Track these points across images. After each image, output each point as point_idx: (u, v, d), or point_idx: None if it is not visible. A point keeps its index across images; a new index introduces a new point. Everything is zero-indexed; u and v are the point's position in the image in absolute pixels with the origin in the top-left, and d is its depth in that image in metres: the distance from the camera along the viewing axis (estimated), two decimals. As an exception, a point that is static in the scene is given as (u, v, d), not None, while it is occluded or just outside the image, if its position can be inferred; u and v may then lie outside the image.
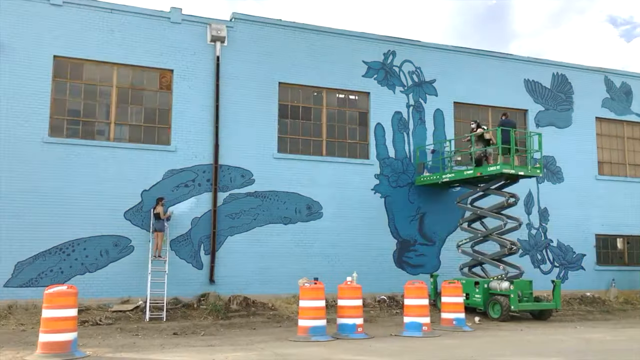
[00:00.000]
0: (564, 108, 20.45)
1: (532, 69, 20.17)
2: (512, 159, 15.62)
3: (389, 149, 18.06)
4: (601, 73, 21.28)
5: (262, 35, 17.07)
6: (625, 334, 12.58)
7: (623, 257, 20.78)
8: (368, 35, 18.32)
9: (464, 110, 19.28)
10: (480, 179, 16.33)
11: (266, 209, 16.47)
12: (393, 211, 17.79)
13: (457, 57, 19.25)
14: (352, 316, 11.33)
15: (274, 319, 14.27)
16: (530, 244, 19.20)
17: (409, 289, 12.02)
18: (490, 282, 15.24)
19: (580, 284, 19.51)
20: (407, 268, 17.67)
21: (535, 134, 16.92)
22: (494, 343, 11.05)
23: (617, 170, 21.17)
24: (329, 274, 15.91)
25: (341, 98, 18.02)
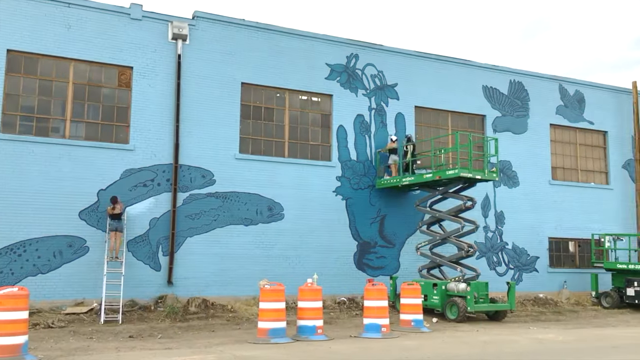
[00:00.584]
0: (520, 114, 21.03)
1: (490, 76, 20.67)
2: (470, 163, 15.97)
3: (351, 151, 18.18)
4: (555, 81, 21.98)
5: (225, 34, 16.92)
6: (576, 335, 13.00)
7: (574, 259, 21.50)
8: (331, 37, 18.40)
9: (425, 114, 19.59)
10: (439, 183, 16.61)
11: (227, 210, 16.31)
12: (354, 213, 17.90)
13: (419, 62, 19.55)
14: (312, 318, 11.33)
15: (233, 321, 14.14)
16: (487, 246, 19.65)
17: (369, 290, 12.10)
18: (448, 284, 15.52)
19: (533, 285, 20.09)
20: (368, 270, 17.81)
21: (491, 138, 17.35)
22: (451, 344, 11.24)
23: (569, 175, 21.91)
24: (289, 276, 15.88)
25: (304, 100, 18.04)
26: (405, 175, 17.34)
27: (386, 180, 17.81)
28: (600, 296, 19.43)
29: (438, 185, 16.87)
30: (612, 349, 10.96)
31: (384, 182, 17.85)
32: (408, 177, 17.12)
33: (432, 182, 16.61)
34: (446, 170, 16.15)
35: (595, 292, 19.61)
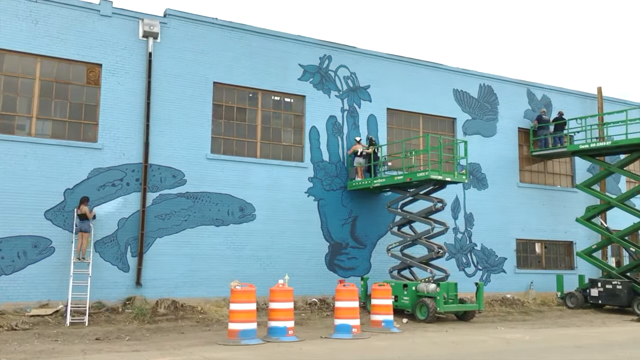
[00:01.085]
0: (490, 118, 21.39)
1: (460, 79, 20.97)
2: (440, 165, 16.17)
3: (323, 152, 18.21)
4: (524, 85, 22.42)
5: (197, 33, 16.76)
6: (542, 334, 13.28)
7: (541, 260, 21.97)
8: (305, 38, 18.40)
9: (397, 116, 19.76)
10: (410, 184, 16.77)
11: (198, 210, 16.15)
12: (326, 214, 17.93)
13: (391, 64, 19.71)
14: (283, 319, 11.30)
15: (203, 322, 14.01)
16: (456, 247, 19.91)
17: (340, 291, 12.14)
18: (418, 285, 15.67)
19: (501, 286, 20.44)
20: (339, 271, 17.86)
21: (461, 141, 17.60)
22: (420, 344, 11.36)
23: (536, 178, 22.37)
24: (260, 277, 15.82)
25: (276, 100, 18.00)
26: (376, 177, 17.44)
27: (357, 182, 17.89)
28: (566, 297, 19.88)
29: (409, 187, 17.03)
30: (576, 349, 11.23)
31: (355, 184, 17.93)
32: (379, 179, 17.24)
33: (403, 183, 16.76)
34: (417, 173, 16.33)
35: (561, 293, 20.06)
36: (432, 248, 16.19)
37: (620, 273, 19.59)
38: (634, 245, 20.11)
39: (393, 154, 18.79)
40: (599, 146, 19.80)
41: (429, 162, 16.29)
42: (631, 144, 19.08)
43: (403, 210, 17.25)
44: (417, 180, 16.29)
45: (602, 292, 19.09)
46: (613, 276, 19.44)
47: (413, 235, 16.91)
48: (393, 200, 17.51)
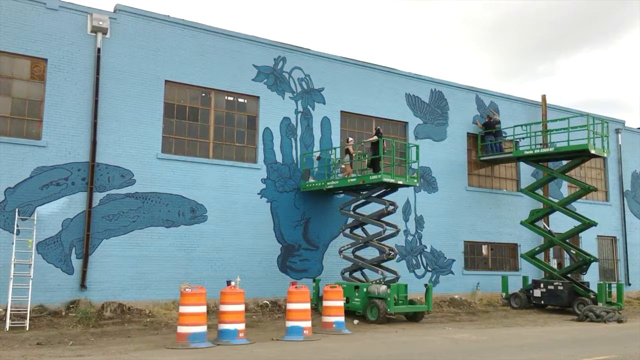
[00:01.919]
0: (440, 122, 21.87)
1: (412, 84, 21.35)
2: (392, 168, 16.40)
3: (277, 154, 18.15)
4: (473, 92, 23.04)
5: (149, 30, 16.40)
6: (488, 334, 13.67)
7: (487, 262, 22.61)
8: (259, 39, 18.29)
9: (350, 119, 19.92)
10: (362, 187, 16.94)
11: (147, 211, 15.78)
12: (279, 216, 17.87)
13: (345, 67, 19.86)
14: (233, 321, 11.19)
15: (151, 326, 13.68)
16: (407, 249, 20.24)
17: (292, 293, 12.13)
18: (369, 286, 15.82)
19: (449, 287, 20.92)
20: (291, 273, 17.82)
21: (413, 145, 17.91)
22: (371, 345, 11.47)
23: (483, 182, 23.02)
24: (212, 279, 15.61)
25: (230, 100, 17.81)
26: (328, 180, 17.51)
27: (311, 184, 17.92)
28: (510, 297, 20.52)
29: (362, 189, 17.19)
30: (520, 348, 11.61)
31: (309, 186, 17.96)
32: (332, 181, 17.32)
33: (356, 186, 16.90)
34: (369, 176, 16.50)
35: (506, 294, 20.70)
36: (384, 250, 16.40)
37: (561, 274, 20.40)
38: (574, 248, 21.01)
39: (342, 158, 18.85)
40: (542, 152, 20.61)
41: (381, 165, 16.46)
42: (572, 151, 19.94)
43: (355, 212, 17.39)
44: (369, 183, 16.46)
45: (545, 292, 19.82)
46: (554, 277, 20.21)
47: (365, 237, 17.07)
48: (345, 203, 17.63)
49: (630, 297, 25.46)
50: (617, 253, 26.32)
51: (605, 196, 26.59)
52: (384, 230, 16.39)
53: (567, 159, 20.98)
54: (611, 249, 26.33)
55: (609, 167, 26.70)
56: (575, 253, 20.61)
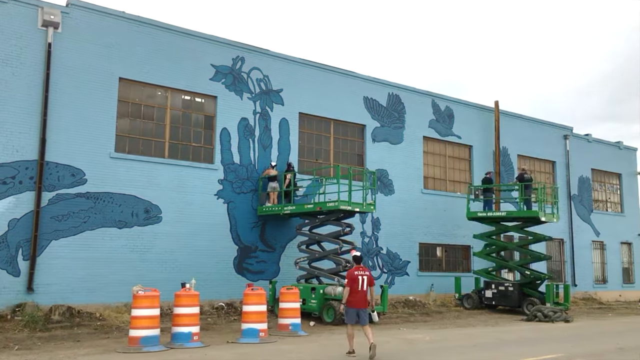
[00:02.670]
0: (397, 126, 22.16)
1: (371, 87, 21.56)
2: (349, 196, 16.26)
3: (234, 154, 17.98)
4: (429, 96, 23.46)
5: (103, 25, 15.97)
6: (441, 334, 13.93)
7: (441, 264, 23.04)
8: (217, 38, 18.10)
9: (309, 121, 19.94)
10: (320, 212, 16.77)
11: (99, 211, 15.35)
12: (235, 217, 17.70)
13: (304, 69, 19.87)
14: (188, 324, 11.01)
15: (102, 329, 13.31)
16: (363, 251, 20.39)
17: (248, 295, 12.03)
18: (325, 288, 15.86)
19: (404, 288, 21.20)
20: (248, 274, 17.68)
21: (370, 172, 17.96)
22: (327, 346, 11.50)
23: (439, 185, 23.46)
24: (166, 281, 15.32)
25: (187, 100, 17.54)
26: (286, 205, 17.31)
27: (268, 208, 17.69)
28: (463, 298, 20.98)
29: (319, 214, 17.00)
30: (472, 347, 11.87)
31: (266, 210, 17.73)
32: (289, 207, 17.14)
33: (313, 211, 16.81)
34: (327, 203, 16.39)
35: (459, 295, 21.15)
36: (340, 262, 16.40)
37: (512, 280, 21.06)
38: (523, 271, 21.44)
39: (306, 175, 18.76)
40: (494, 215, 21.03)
41: (338, 192, 16.16)
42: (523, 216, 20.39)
43: (312, 232, 17.31)
44: (327, 210, 16.40)
45: (496, 293, 20.35)
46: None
47: (321, 252, 17.00)
48: (302, 224, 17.49)
49: (576, 298, 26.47)
50: (564, 255, 27.30)
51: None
52: (340, 247, 16.42)
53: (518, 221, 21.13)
54: (559, 251, 27.30)
55: (557, 172, 27.69)
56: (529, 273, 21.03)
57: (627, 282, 30.17)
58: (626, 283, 30.10)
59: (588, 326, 17.11)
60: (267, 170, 18.01)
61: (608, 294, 28.49)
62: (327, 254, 16.75)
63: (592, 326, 17.21)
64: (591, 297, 27.44)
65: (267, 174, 17.95)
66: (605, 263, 29.14)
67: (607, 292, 28.51)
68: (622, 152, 31.24)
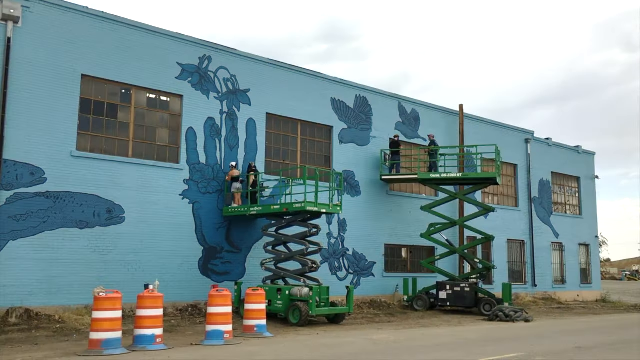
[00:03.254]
0: (364, 128, 22.30)
1: (338, 89, 21.63)
2: (316, 197, 16.23)
3: (200, 154, 17.77)
4: (395, 99, 23.69)
5: (65, 21, 15.57)
6: (406, 335, 14.07)
7: (406, 265, 23.27)
8: (184, 36, 17.87)
9: (276, 121, 19.88)
10: (286, 212, 16.69)
11: (59, 211, 14.95)
12: (201, 217, 17.50)
13: (272, 69, 19.80)
14: (151, 326, 10.81)
15: (62, 332, 12.96)
16: (329, 252, 20.44)
17: (213, 296, 11.90)
18: (291, 289, 15.83)
19: (370, 289, 21.34)
20: (213, 276, 17.50)
21: (338, 173, 17.99)
22: (293, 348, 11.48)
23: (404, 187, 23.67)
24: (128, 282, 15.04)
25: (152, 98, 17.25)
26: (252, 205, 17.20)
27: (233, 209, 17.54)
28: (413, 300, 21.06)
29: (285, 214, 16.93)
30: (436, 347, 12.03)
31: (232, 210, 17.58)
32: (256, 207, 17.05)
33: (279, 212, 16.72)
34: (293, 204, 16.32)
35: (408, 296, 21.24)
36: (306, 263, 16.39)
37: (462, 279, 21.42)
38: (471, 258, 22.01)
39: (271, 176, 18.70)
40: (450, 177, 21.43)
41: (305, 193, 16.08)
42: (479, 178, 20.96)
43: (278, 233, 17.25)
44: (293, 211, 16.36)
45: (451, 294, 20.61)
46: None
47: (288, 253, 16.95)
48: (269, 225, 17.42)
49: (536, 298, 27.14)
50: (525, 256, 27.96)
51: (515, 202, 28.17)
52: (307, 248, 16.41)
53: (471, 185, 21.91)
54: (520, 252, 27.94)
55: (518, 175, 28.34)
56: (477, 262, 21.63)
57: (584, 282, 31.11)
58: (584, 283, 31.04)
59: (547, 325, 17.56)
60: (231, 172, 17.83)
61: (566, 294, 29.31)
62: (293, 254, 16.73)
63: (552, 326, 17.67)
64: (550, 297, 28.18)
65: (231, 175, 17.79)
66: (564, 264, 29.98)
67: (565, 292, 29.33)
68: (581, 156, 32.21)
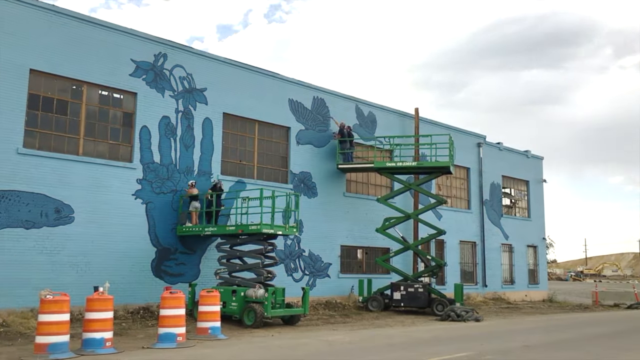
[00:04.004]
0: (321, 129, 22.38)
1: (296, 90, 21.64)
2: (272, 220, 15.97)
3: (155, 153, 17.43)
4: (353, 101, 23.89)
5: (12, 13, 14.98)
6: (360, 335, 14.19)
7: (362, 266, 23.48)
8: (138, 33, 17.48)
9: (233, 121, 19.70)
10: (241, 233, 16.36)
11: (4, 210, 14.36)
12: (155, 218, 17.16)
13: (229, 69, 19.62)
14: (100, 330, 10.52)
15: (6, 336, 12.44)
16: (285, 253, 20.40)
17: (166, 298, 11.68)
18: (247, 291, 15.70)
19: (326, 290, 21.43)
20: (166, 277, 17.18)
21: (294, 194, 17.80)
22: (247, 350, 11.39)
23: (361, 188, 23.91)
24: (77, 285, 14.61)
25: (105, 95, 16.80)
26: (207, 226, 16.94)
27: (188, 228, 17.22)
28: (368, 300, 21.29)
29: (241, 234, 16.48)
30: (389, 347, 12.18)
31: (186, 230, 17.26)
32: (210, 228, 16.79)
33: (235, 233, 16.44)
34: (249, 225, 16.04)
35: (363, 297, 21.46)
36: (261, 274, 16.24)
37: (415, 277, 21.78)
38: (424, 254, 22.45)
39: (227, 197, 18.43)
40: (404, 166, 21.77)
41: (261, 215, 15.82)
42: (434, 167, 21.44)
43: (233, 248, 16.92)
44: (248, 233, 16.09)
45: (405, 295, 20.94)
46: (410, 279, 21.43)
47: (243, 265, 16.69)
48: (223, 242, 17.07)
49: (486, 298, 27.87)
50: (476, 257, 28.67)
51: (467, 204, 28.86)
52: (262, 261, 16.28)
53: (425, 173, 22.35)
54: (471, 253, 28.64)
55: (471, 178, 29.06)
56: (430, 258, 22.10)
57: (532, 282, 32.18)
58: (532, 284, 32.10)
59: (497, 325, 18.06)
60: (190, 190, 17.45)
61: (515, 294, 30.23)
62: (248, 267, 16.49)
63: (501, 325, 18.18)
64: (500, 297, 29.00)
65: (189, 194, 17.44)
66: (513, 265, 30.91)
67: (514, 293, 30.25)
68: (530, 160, 33.31)
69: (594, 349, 12.50)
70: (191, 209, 17.40)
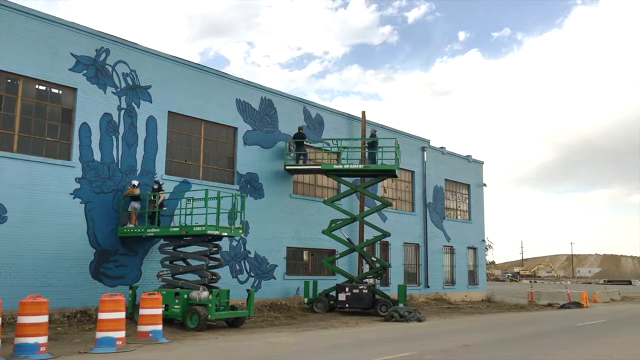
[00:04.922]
0: (269, 130, 22.29)
1: (243, 90, 21.45)
2: (217, 221, 15.74)
3: (95, 151, 16.84)
4: (301, 103, 23.92)
5: (-58, -1, 14.14)
6: (305, 337, 14.20)
7: (307, 267, 23.52)
8: (79, 26, 16.86)
9: (178, 120, 19.30)
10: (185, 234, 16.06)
11: None
12: (94, 218, 16.57)
13: (175, 66, 19.23)
14: (34, 334, 10.05)
15: None
16: (231, 255, 20.17)
17: (104, 301, 11.30)
18: (190, 293, 15.40)
19: (271, 292, 21.33)
20: (105, 280, 16.62)
21: (240, 195, 17.58)
22: (190, 353, 11.18)
23: (308, 190, 23.97)
24: (8, 288, 13.94)
25: (42, 90, 16.10)
26: (150, 227, 16.53)
27: (129, 229, 16.75)
28: (313, 302, 21.38)
29: (185, 236, 16.20)
30: (333, 348, 12.26)
31: (127, 231, 16.78)
32: (153, 229, 16.39)
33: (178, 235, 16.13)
34: (193, 227, 15.72)
35: (308, 299, 21.54)
36: (206, 276, 15.97)
37: (360, 278, 22.07)
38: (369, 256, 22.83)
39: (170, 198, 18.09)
40: (351, 168, 22.01)
41: (206, 216, 15.51)
42: (379, 170, 21.77)
43: (177, 250, 16.61)
44: (192, 234, 15.82)
45: (350, 296, 21.14)
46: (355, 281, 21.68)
47: (186, 267, 16.36)
48: (166, 243, 16.72)
49: (428, 299, 28.53)
50: (419, 258, 29.30)
51: (411, 207, 29.46)
52: (206, 263, 16.03)
53: (374, 176, 22.67)
54: (414, 255, 29.25)
55: (415, 181, 29.67)
56: (375, 260, 22.46)
57: (472, 283, 33.19)
58: (471, 284, 33.11)
59: (438, 325, 18.50)
60: (130, 189, 16.96)
61: (456, 294, 31.09)
62: (192, 269, 16.19)
63: (442, 325, 18.64)
64: (441, 297, 29.75)
65: (130, 193, 16.96)
66: (454, 266, 31.79)
67: (455, 293, 31.10)
68: (471, 165, 34.37)
69: (530, 348, 13.01)
70: (130, 210, 16.94)
